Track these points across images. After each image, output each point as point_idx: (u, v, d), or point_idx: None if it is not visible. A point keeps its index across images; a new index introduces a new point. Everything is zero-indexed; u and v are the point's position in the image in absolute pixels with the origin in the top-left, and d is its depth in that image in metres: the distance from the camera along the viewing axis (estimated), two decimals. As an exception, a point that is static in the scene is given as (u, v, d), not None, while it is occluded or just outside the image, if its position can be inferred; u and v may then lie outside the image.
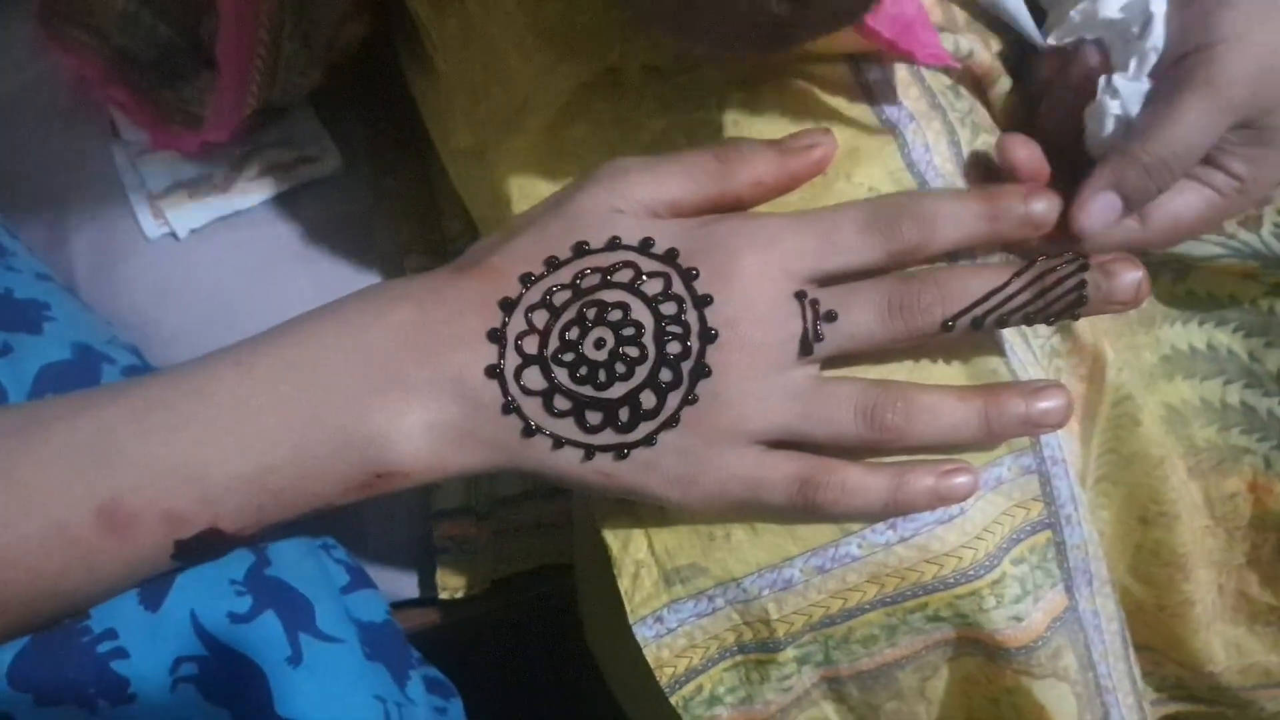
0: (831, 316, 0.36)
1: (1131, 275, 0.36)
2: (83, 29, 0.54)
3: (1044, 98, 0.41)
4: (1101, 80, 0.38)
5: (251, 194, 0.52)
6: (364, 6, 0.48)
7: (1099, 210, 0.38)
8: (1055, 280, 0.36)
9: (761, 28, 0.31)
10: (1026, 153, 0.39)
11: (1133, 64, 0.38)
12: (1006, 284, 0.36)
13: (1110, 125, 0.38)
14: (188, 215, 0.51)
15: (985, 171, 0.41)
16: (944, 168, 0.40)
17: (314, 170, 0.53)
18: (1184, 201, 0.39)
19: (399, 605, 0.51)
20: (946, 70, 0.42)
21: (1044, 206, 0.37)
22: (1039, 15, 0.42)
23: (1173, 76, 0.38)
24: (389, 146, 0.54)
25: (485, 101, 0.45)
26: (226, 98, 0.48)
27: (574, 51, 0.42)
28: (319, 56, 0.48)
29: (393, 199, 0.53)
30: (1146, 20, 0.37)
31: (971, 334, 0.37)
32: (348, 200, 0.53)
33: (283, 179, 0.52)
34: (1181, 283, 0.46)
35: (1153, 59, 0.37)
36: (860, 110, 0.41)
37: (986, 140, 0.42)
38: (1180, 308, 0.46)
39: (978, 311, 0.36)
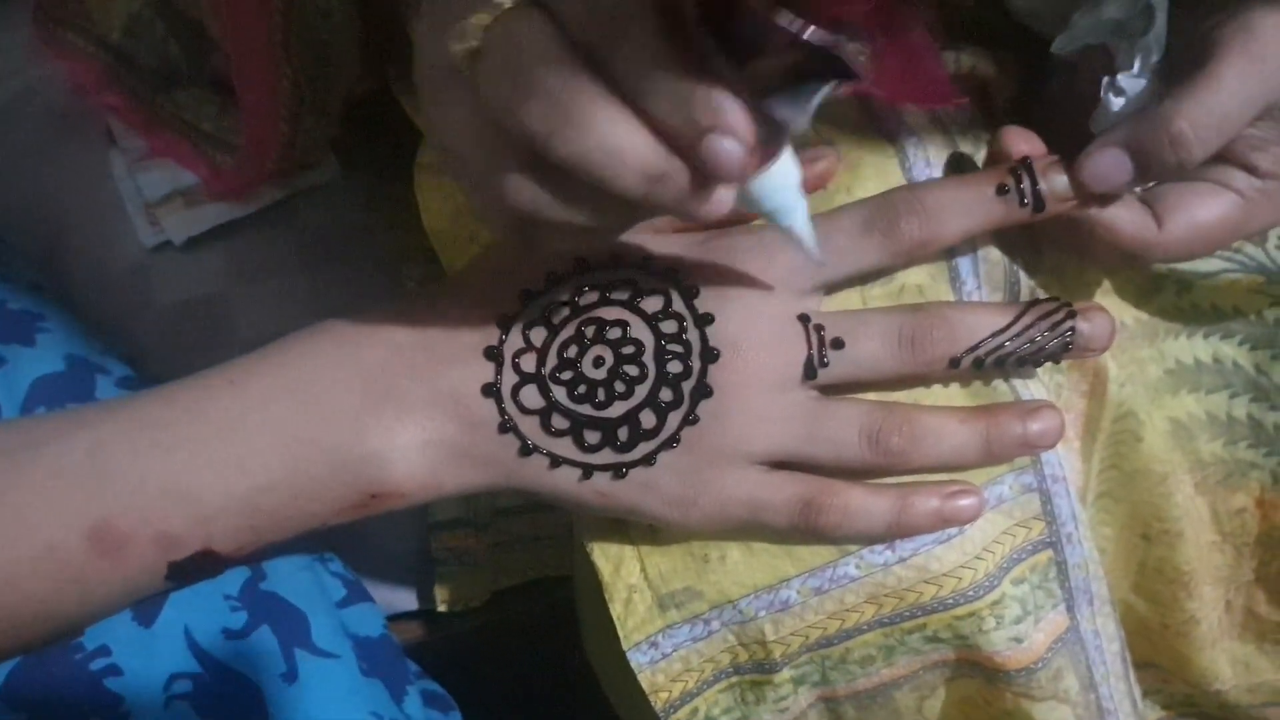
0: (839, 344, 0.35)
1: (1108, 323, 0.37)
2: (79, 34, 0.54)
3: (1053, 114, 0.41)
4: (1104, 80, 0.37)
5: (249, 202, 0.51)
6: (374, 65, 0.48)
7: (1106, 164, 0.35)
8: (1050, 325, 0.36)
9: None
10: (1029, 145, 0.37)
11: (1137, 61, 0.37)
12: (1010, 325, 0.36)
13: (1112, 122, 0.37)
14: (184, 223, 0.51)
15: None
16: None
17: (311, 178, 0.52)
18: (1203, 206, 0.37)
19: (397, 618, 0.51)
20: None
21: (1061, 179, 0.36)
22: (1032, 44, 0.42)
23: (1199, 47, 0.35)
24: (387, 155, 0.54)
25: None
26: (248, 166, 0.49)
27: None
28: (335, 119, 0.49)
29: (391, 207, 0.53)
30: (1148, 14, 0.36)
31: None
32: (346, 209, 0.53)
33: (281, 187, 0.52)
34: (1186, 295, 0.45)
35: (1156, 52, 0.36)
36: (861, 124, 0.40)
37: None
38: (1184, 321, 0.45)
39: (981, 351, 0.36)
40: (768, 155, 0.30)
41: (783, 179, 0.31)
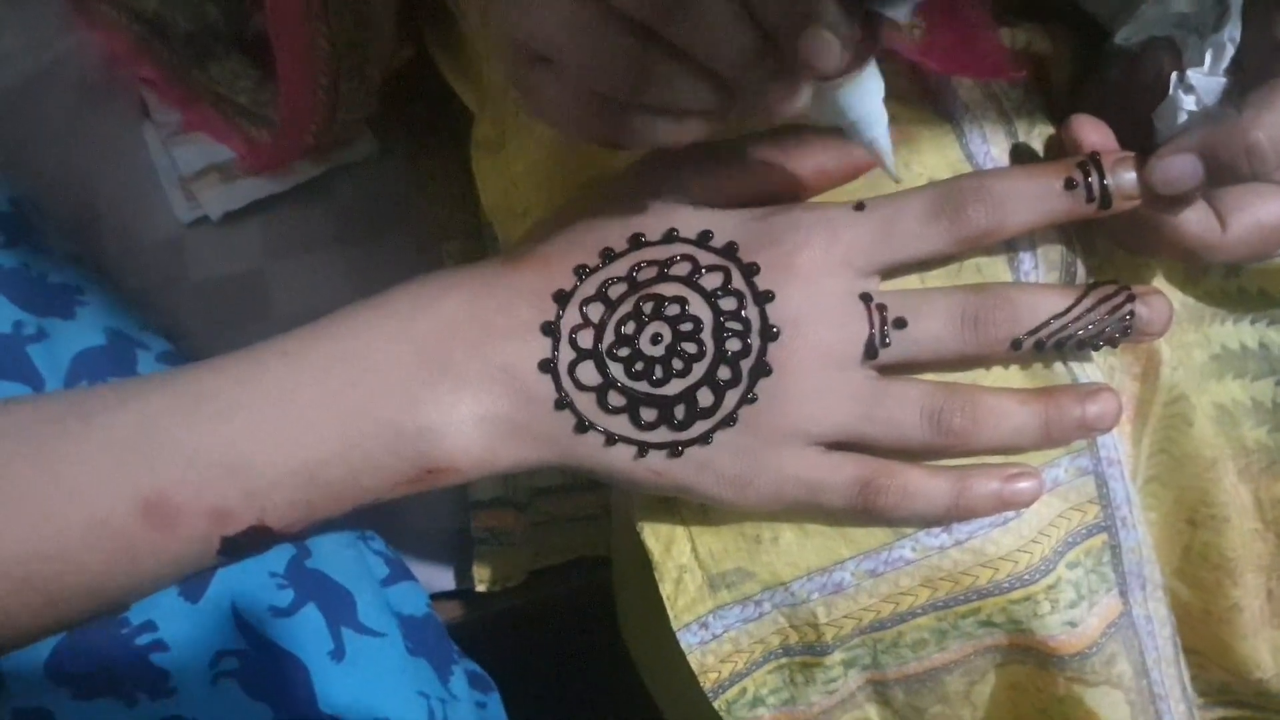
0: (901, 323, 0.35)
1: (1166, 307, 0.37)
2: (111, 5, 0.53)
3: (1110, 102, 0.40)
4: (1174, 76, 0.37)
5: (286, 177, 0.51)
6: (412, 31, 0.48)
7: (1179, 168, 0.35)
8: (1110, 308, 0.36)
9: None
10: (1099, 136, 0.37)
11: (1208, 57, 0.36)
12: (1072, 307, 0.36)
13: (1182, 121, 0.37)
14: (220, 198, 0.51)
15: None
16: (1002, 159, 0.39)
17: (348, 154, 0.52)
18: (1266, 207, 0.36)
19: (435, 597, 0.51)
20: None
21: (1130, 176, 0.35)
22: (1088, 24, 0.41)
23: (1277, 56, 0.35)
24: (425, 129, 0.53)
25: (510, 91, 0.44)
26: (287, 139, 0.49)
27: None
28: (374, 90, 0.49)
29: (429, 182, 0.52)
30: (1222, 11, 0.36)
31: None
32: (384, 183, 0.52)
33: (317, 162, 0.51)
34: (1233, 279, 0.45)
35: (1230, 51, 0.36)
36: (916, 99, 0.40)
37: (1044, 130, 0.41)
38: (1230, 306, 0.45)
39: (1043, 334, 0.36)
40: (860, 58, 0.31)
41: (869, 89, 0.32)
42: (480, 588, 0.50)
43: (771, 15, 0.29)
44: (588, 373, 0.35)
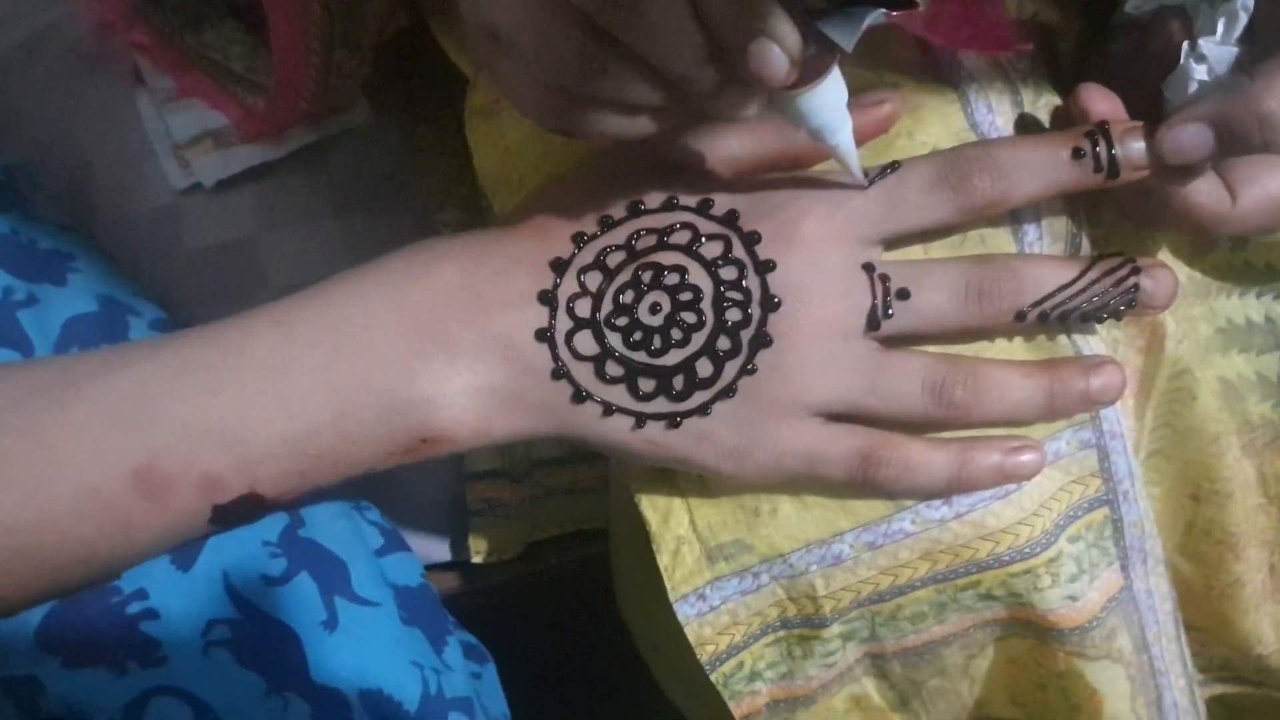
0: (904, 294, 0.34)
1: (1171, 280, 0.37)
2: (104, -32, 0.52)
3: (1119, 72, 0.39)
4: (1184, 45, 0.36)
5: (280, 145, 0.50)
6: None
7: (1189, 137, 0.34)
8: (1115, 280, 0.36)
9: None
10: (1108, 105, 0.36)
11: (1220, 26, 0.36)
12: (1077, 279, 0.35)
13: (1193, 91, 0.36)
14: (215, 165, 0.50)
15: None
16: (1007, 129, 0.39)
17: (344, 121, 0.51)
18: (1276, 178, 0.36)
19: (431, 568, 0.51)
20: None
21: (1139, 146, 0.35)
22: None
23: None
24: (421, 97, 0.53)
25: None
26: (280, 105, 0.48)
27: None
28: (368, 57, 0.48)
29: (425, 151, 0.52)
30: None
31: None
32: (379, 152, 0.52)
33: (312, 130, 0.51)
34: (1239, 253, 0.44)
35: (1243, 20, 0.35)
36: (922, 68, 0.39)
37: (1050, 100, 0.40)
38: (1236, 279, 0.45)
39: (1047, 306, 0.35)
40: (815, 72, 0.31)
41: (829, 98, 0.32)
42: (476, 559, 0.50)
43: (720, 23, 0.28)
44: (585, 342, 0.35)
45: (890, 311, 0.34)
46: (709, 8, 0.28)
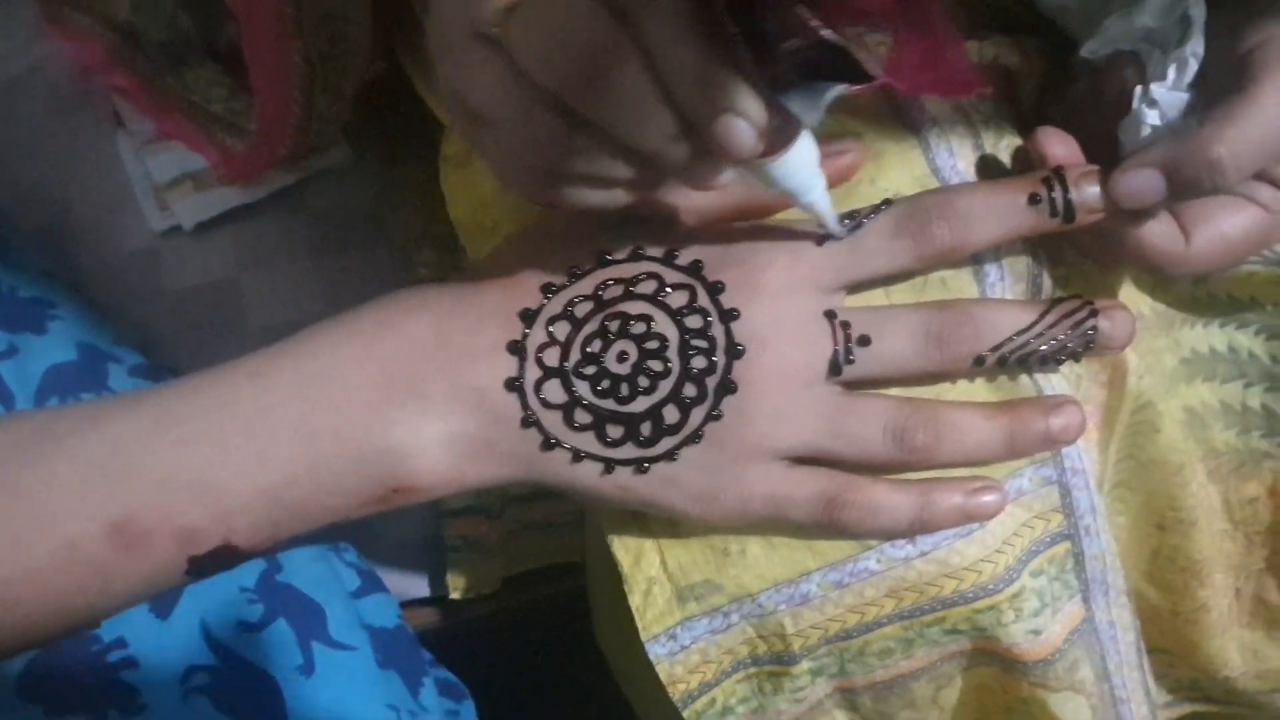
0: (865, 341, 0.35)
1: (1129, 321, 0.37)
2: (84, 13, 0.53)
3: (1077, 115, 0.40)
4: (1138, 90, 0.37)
5: (259, 186, 0.51)
6: (386, 45, 0.48)
7: (1141, 182, 0.35)
8: (1074, 323, 0.36)
9: None
10: (1064, 149, 0.37)
11: (1171, 72, 0.36)
12: (1035, 323, 0.36)
13: (1146, 135, 0.37)
14: (195, 207, 0.51)
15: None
16: (968, 173, 0.39)
17: (322, 161, 0.52)
18: (1229, 220, 0.36)
19: (409, 604, 0.51)
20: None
21: (1093, 190, 0.35)
22: (1057, 36, 0.41)
23: (1238, 69, 0.34)
24: (399, 137, 0.53)
25: None
26: (260, 150, 0.49)
27: None
28: (348, 102, 0.49)
29: (402, 190, 0.52)
30: (1185, 27, 0.36)
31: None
32: (358, 192, 0.52)
33: (290, 171, 0.51)
34: (1202, 285, 0.45)
35: (1193, 67, 0.36)
36: (883, 114, 0.40)
37: (1012, 142, 0.41)
38: (1199, 310, 0.45)
39: (1006, 350, 0.36)
40: (784, 140, 0.31)
41: (800, 160, 0.33)
42: (454, 595, 0.50)
43: (686, 101, 0.29)
44: (554, 391, 0.35)
45: (851, 358, 0.35)
46: (675, 86, 0.29)
